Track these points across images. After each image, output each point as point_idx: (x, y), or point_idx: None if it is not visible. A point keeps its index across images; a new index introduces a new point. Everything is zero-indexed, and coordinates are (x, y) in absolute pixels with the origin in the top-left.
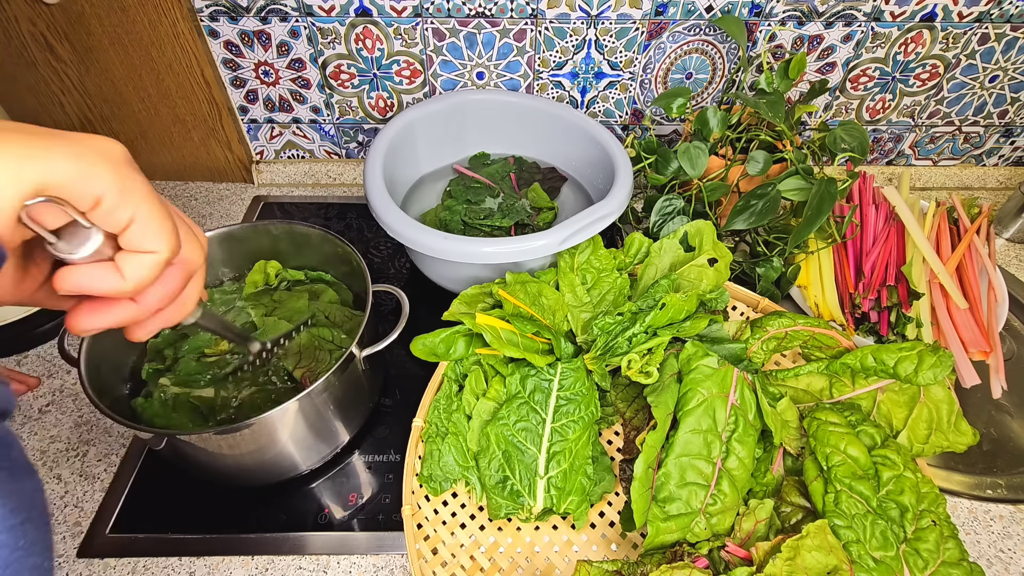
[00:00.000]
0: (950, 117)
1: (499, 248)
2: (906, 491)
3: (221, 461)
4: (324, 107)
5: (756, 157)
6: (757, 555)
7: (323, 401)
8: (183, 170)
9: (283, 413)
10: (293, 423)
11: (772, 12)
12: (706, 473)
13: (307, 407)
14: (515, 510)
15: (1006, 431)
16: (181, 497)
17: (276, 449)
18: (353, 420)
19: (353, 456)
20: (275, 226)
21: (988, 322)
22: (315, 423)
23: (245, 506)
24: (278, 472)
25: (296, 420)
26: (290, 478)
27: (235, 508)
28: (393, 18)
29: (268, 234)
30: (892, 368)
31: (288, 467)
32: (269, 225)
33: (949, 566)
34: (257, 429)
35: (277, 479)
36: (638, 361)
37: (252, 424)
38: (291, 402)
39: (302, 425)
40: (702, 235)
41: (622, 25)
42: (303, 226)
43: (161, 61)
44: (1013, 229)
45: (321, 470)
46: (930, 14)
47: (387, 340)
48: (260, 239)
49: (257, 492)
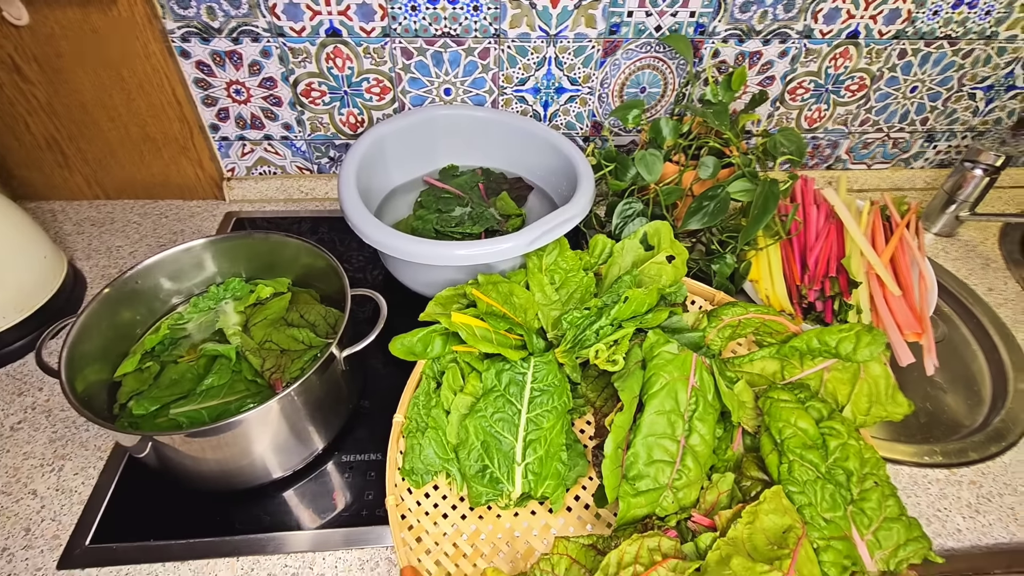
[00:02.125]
0: (879, 124)
1: (471, 250)
2: (851, 457)
3: (204, 465)
4: (296, 124)
5: (706, 163)
6: (720, 522)
7: (304, 402)
8: (153, 188)
9: (265, 413)
10: (275, 424)
11: (715, 31)
12: (671, 451)
13: (288, 408)
14: (495, 496)
15: (940, 404)
16: (162, 505)
17: (257, 451)
18: (334, 421)
19: (335, 456)
20: (251, 237)
21: (920, 307)
22: (296, 424)
23: (228, 510)
24: (260, 474)
25: (278, 421)
26: (273, 479)
27: (218, 512)
28: (362, 38)
29: (245, 244)
30: (834, 348)
31: (271, 469)
32: (246, 236)
33: (890, 521)
34: (239, 431)
35: (260, 482)
36: (605, 351)
37: (235, 425)
38: (272, 402)
39: (283, 426)
40: (660, 234)
41: (579, 43)
42: (279, 236)
43: (132, 81)
44: (939, 224)
45: (303, 471)
46: (854, 32)
47: (367, 340)
48: (237, 250)
49: (240, 495)
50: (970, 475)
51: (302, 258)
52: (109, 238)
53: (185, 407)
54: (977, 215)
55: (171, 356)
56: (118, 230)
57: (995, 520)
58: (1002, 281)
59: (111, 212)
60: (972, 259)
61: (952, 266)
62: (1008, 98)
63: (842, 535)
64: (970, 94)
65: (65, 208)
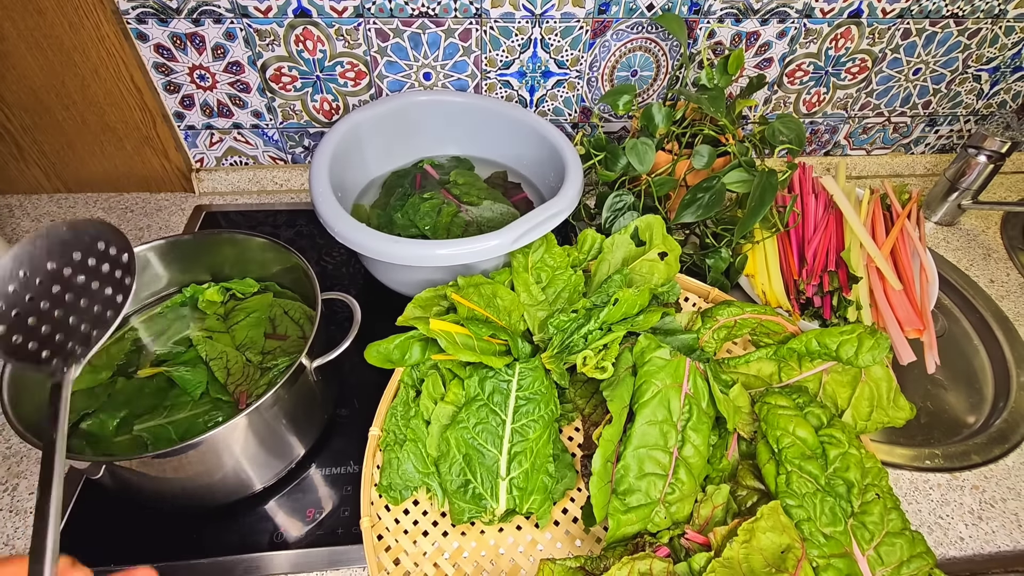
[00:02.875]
0: (880, 108)
1: (451, 250)
2: (851, 467)
3: (166, 486)
4: (266, 111)
5: (701, 151)
6: (715, 540)
7: (273, 415)
8: (116, 180)
9: (231, 431)
10: (243, 440)
11: (710, 10)
12: (663, 463)
13: (257, 423)
14: (478, 513)
15: (941, 404)
16: (126, 526)
17: (226, 469)
18: (307, 433)
19: (310, 470)
20: (217, 235)
21: (921, 302)
22: (267, 439)
23: (197, 529)
24: (230, 492)
25: (246, 437)
26: (243, 497)
27: (186, 532)
28: (334, 19)
29: (210, 244)
30: (835, 351)
31: (240, 486)
32: (210, 234)
33: (893, 536)
34: (203, 450)
35: (229, 499)
36: (593, 358)
37: (196, 445)
38: (239, 418)
39: (252, 442)
40: (652, 229)
41: (566, 24)
42: (243, 234)
43: (85, 66)
44: (940, 212)
45: (276, 486)
46: (856, 10)
47: (338, 349)
48: (201, 250)
49: (209, 514)
50: (972, 479)
51: (269, 258)
52: None
53: (149, 423)
54: (980, 203)
55: (126, 370)
56: None
57: (998, 527)
58: (1004, 272)
59: (73, 206)
60: (973, 249)
61: (953, 256)
62: (1014, 80)
63: (842, 552)
64: (975, 76)
65: (23, 203)
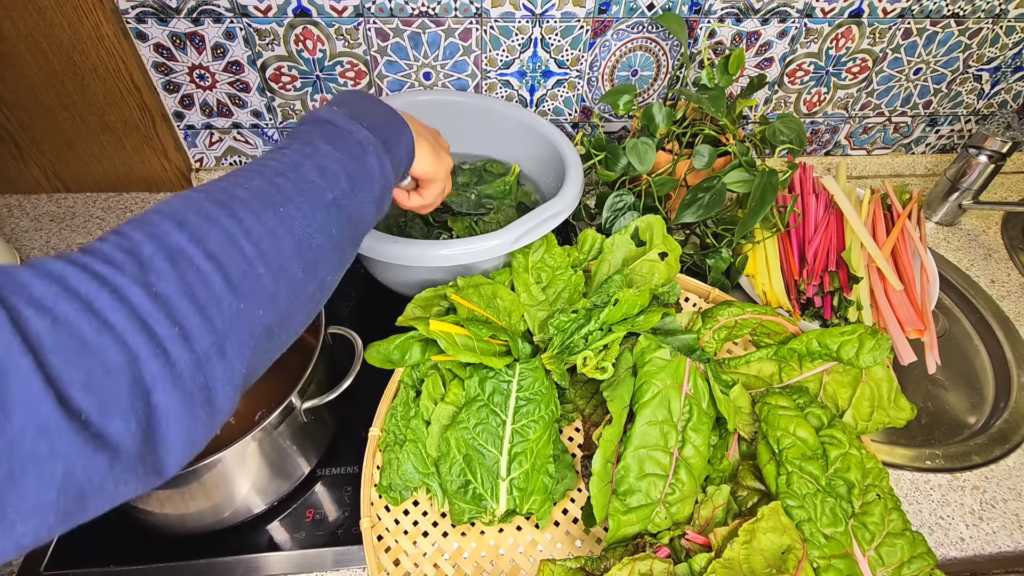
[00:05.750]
0: (880, 108)
1: (451, 250)
2: (852, 468)
3: (159, 514)
4: (266, 111)
5: (701, 151)
6: (716, 540)
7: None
8: (116, 181)
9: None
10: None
11: (711, 9)
12: (664, 463)
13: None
14: (478, 514)
15: (942, 404)
16: (124, 528)
17: (221, 498)
18: (311, 453)
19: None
20: None
21: (922, 302)
22: (275, 460)
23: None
24: (229, 518)
25: (242, 466)
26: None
27: (184, 535)
28: (333, 18)
29: None
30: (835, 352)
31: (240, 512)
32: None
33: (894, 536)
34: (215, 473)
35: (222, 527)
36: (593, 358)
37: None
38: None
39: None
40: (652, 229)
41: (567, 23)
42: None
43: (85, 66)
44: (941, 213)
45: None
46: (857, 10)
47: (335, 393)
48: None
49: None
50: (973, 479)
51: None
52: (70, 234)
53: None
54: (981, 203)
55: None
56: (79, 226)
57: (999, 527)
58: (1005, 272)
59: (72, 206)
60: (974, 249)
61: (953, 256)
62: (1015, 80)
63: (843, 552)
64: (975, 76)
65: (22, 203)
